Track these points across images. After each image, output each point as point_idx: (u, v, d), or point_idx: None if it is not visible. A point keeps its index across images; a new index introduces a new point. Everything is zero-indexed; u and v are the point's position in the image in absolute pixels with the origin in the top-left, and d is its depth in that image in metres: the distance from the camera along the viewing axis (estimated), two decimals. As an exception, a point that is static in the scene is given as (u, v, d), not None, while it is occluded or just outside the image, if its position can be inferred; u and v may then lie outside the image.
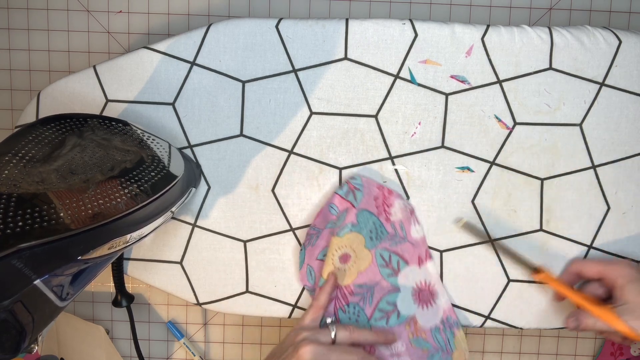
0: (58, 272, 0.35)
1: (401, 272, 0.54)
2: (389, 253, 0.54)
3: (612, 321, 0.47)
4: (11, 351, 0.35)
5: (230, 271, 0.56)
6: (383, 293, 0.54)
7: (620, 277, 0.49)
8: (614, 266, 0.50)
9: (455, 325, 0.55)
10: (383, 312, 0.54)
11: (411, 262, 0.54)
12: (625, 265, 0.50)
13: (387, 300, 0.54)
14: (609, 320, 0.47)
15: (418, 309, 0.54)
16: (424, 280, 0.54)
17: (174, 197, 0.47)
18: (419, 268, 0.54)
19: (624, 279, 0.49)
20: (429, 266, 0.55)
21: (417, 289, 0.54)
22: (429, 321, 0.54)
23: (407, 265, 0.54)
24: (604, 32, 0.54)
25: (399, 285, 0.54)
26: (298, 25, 0.54)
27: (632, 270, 0.49)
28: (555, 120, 0.55)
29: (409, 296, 0.54)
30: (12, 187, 0.36)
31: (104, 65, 0.54)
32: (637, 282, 0.48)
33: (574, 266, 0.54)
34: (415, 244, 0.54)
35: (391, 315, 0.54)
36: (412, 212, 0.54)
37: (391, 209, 0.54)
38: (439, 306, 0.55)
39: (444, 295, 0.55)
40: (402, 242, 0.54)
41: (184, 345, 0.69)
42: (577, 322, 0.50)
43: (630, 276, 0.49)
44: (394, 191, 0.54)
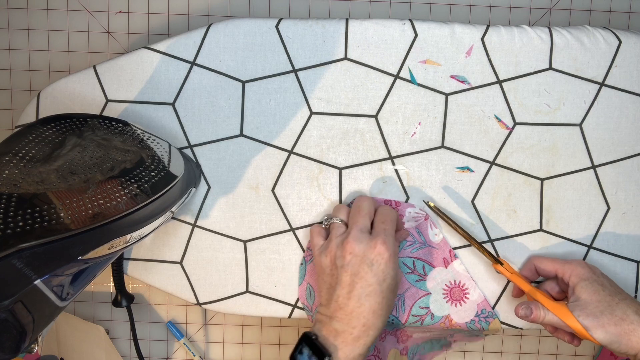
0: (58, 272, 0.35)
1: (429, 276, 0.54)
2: (412, 260, 0.54)
3: (564, 316, 0.47)
4: (11, 351, 0.35)
5: (230, 271, 0.56)
6: (414, 299, 0.54)
7: (574, 276, 0.49)
8: (568, 265, 0.51)
9: (490, 316, 0.55)
10: (417, 317, 0.55)
11: (437, 264, 0.55)
12: (579, 265, 0.50)
13: (420, 305, 0.55)
14: (561, 315, 0.47)
15: (451, 308, 0.55)
16: (453, 280, 0.55)
17: (174, 197, 0.47)
18: (446, 269, 0.55)
19: (577, 277, 0.49)
20: (456, 265, 0.55)
21: (447, 289, 0.55)
22: (463, 317, 0.55)
23: (433, 268, 0.54)
24: (604, 32, 0.54)
25: (429, 289, 0.55)
26: (298, 25, 0.54)
27: (586, 269, 0.50)
28: (555, 120, 0.55)
29: (440, 297, 0.55)
30: (12, 187, 0.36)
31: (104, 65, 0.54)
32: (589, 281, 0.48)
33: (531, 262, 0.54)
34: (437, 246, 0.55)
35: (425, 318, 0.55)
36: (426, 217, 0.54)
37: (403, 218, 0.54)
38: (472, 301, 0.55)
39: (475, 291, 0.55)
40: (422, 247, 0.54)
41: (184, 345, 0.69)
42: (529, 311, 0.49)
43: (583, 275, 0.49)
44: (402, 202, 0.54)
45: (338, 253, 0.48)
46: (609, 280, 0.50)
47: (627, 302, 0.47)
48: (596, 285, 0.48)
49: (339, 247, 0.48)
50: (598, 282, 0.48)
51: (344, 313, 0.46)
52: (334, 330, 0.46)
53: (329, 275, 0.49)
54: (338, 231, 0.49)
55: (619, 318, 0.45)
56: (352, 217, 0.50)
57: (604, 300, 0.47)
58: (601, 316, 0.46)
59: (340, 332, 0.46)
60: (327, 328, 0.46)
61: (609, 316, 0.46)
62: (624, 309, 0.46)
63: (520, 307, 0.50)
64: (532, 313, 0.49)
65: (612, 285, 0.49)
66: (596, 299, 0.47)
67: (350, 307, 0.46)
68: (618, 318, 0.45)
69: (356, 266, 0.46)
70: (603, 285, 0.48)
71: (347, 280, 0.47)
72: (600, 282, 0.49)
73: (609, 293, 0.47)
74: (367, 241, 0.47)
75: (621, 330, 0.45)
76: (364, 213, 0.50)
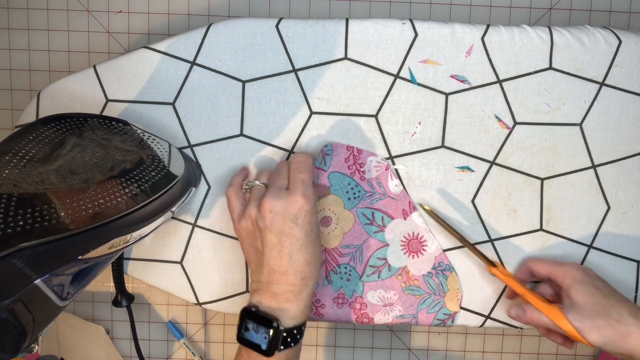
0: (58, 271, 0.35)
1: (387, 227, 0.55)
2: (372, 210, 0.55)
3: (557, 318, 0.47)
4: (11, 351, 0.35)
5: (230, 271, 0.56)
6: (372, 250, 0.55)
7: (568, 278, 0.49)
8: (562, 267, 0.51)
9: (447, 269, 0.55)
10: (374, 268, 0.55)
11: (396, 216, 0.55)
12: (573, 267, 0.50)
13: (377, 256, 0.55)
14: (554, 318, 0.47)
15: (409, 259, 0.55)
16: (411, 232, 0.55)
17: (174, 196, 0.47)
18: (405, 221, 0.55)
19: (571, 279, 0.49)
20: (415, 217, 0.55)
21: (405, 241, 0.55)
22: (420, 269, 0.55)
23: (392, 219, 0.55)
24: (604, 32, 0.54)
25: (387, 240, 0.55)
26: (298, 25, 0.54)
27: (580, 272, 0.50)
28: (555, 120, 0.55)
29: (398, 249, 0.55)
30: (12, 187, 0.36)
31: (104, 65, 0.54)
32: (584, 284, 0.48)
33: (526, 265, 0.54)
34: (397, 198, 0.55)
35: (382, 269, 0.55)
36: (387, 167, 0.54)
37: (364, 167, 0.54)
38: (430, 254, 0.55)
39: (433, 243, 0.55)
40: (382, 199, 0.54)
41: (184, 345, 0.69)
42: (521, 312, 0.49)
43: (577, 277, 0.49)
44: (364, 150, 0.54)
45: (258, 214, 0.46)
46: (603, 282, 0.49)
47: (622, 304, 0.47)
48: (591, 287, 0.48)
49: (257, 208, 0.46)
50: (592, 284, 0.48)
51: (279, 274, 0.45)
52: (274, 294, 0.45)
53: (253, 239, 0.47)
54: (257, 193, 0.48)
55: (614, 320, 0.45)
56: (271, 178, 0.49)
57: (598, 302, 0.47)
58: (596, 318, 0.46)
59: (281, 293, 0.45)
60: (266, 294, 0.45)
61: (604, 318, 0.45)
62: (619, 311, 0.46)
63: (512, 309, 0.50)
64: (525, 314, 0.49)
65: (607, 287, 0.49)
66: (591, 301, 0.47)
67: (284, 266, 0.45)
68: (613, 320, 0.45)
69: (280, 224, 0.45)
70: (597, 287, 0.48)
71: (273, 241, 0.45)
72: (594, 284, 0.48)
73: (604, 295, 0.47)
74: (286, 196, 0.46)
75: (616, 332, 0.45)
76: (284, 174, 0.49)
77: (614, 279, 0.55)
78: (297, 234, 0.45)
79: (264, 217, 0.45)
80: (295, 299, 0.45)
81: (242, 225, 0.48)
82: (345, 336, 0.70)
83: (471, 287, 0.56)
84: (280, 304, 0.45)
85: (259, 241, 0.47)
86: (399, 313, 0.55)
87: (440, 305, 0.55)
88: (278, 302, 0.45)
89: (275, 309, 0.45)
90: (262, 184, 0.49)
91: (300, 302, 0.46)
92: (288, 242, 0.45)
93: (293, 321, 0.45)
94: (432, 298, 0.55)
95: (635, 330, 0.44)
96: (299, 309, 0.45)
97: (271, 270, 0.45)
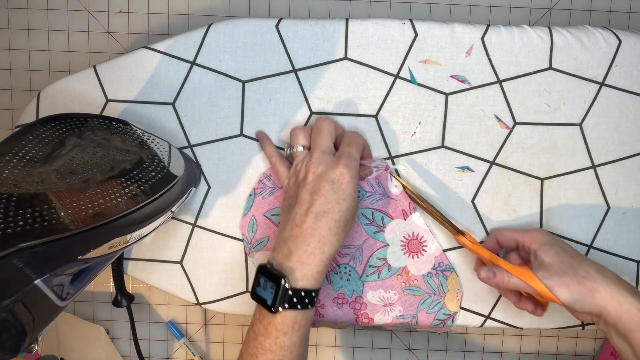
0: (58, 271, 0.35)
1: (387, 227, 0.55)
2: (372, 211, 0.55)
3: (527, 278, 0.47)
4: (11, 351, 0.35)
5: (230, 271, 0.56)
6: (372, 250, 0.55)
7: (535, 242, 0.49)
8: (528, 232, 0.51)
9: (447, 269, 0.55)
10: (374, 268, 0.55)
11: (395, 216, 0.55)
12: (538, 232, 0.51)
13: (377, 256, 0.55)
14: (524, 277, 0.47)
15: (408, 260, 0.55)
16: (411, 232, 0.55)
17: (174, 196, 0.47)
18: (405, 221, 0.55)
19: (538, 242, 0.49)
20: (415, 218, 0.55)
21: (405, 241, 0.55)
22: (420, 269, 0.55)
23: (391, 220, 0.55)
24: (604, 32, 0.54)
25: (387, 240, 0.55)
26: (298, 25, 0.54)
27: (546, 235, 0.50)
28: (555, 120, 0.55)
29: (398, 249, 0.55)
30: (12, 187, 0.36)
31: (104, 65, 0.54)
32: (550, 245, 0.48)
33: (492, 235, 0.54)
34: (397, 198, 0.55)
35: (382, 269, 0.55)
36: (386, 168, 0.54)
37: None
38: (429, 254, 0.55)
39: (434, 243, 0.55)
40: (382, 199, 0.55)
41: (184, 345, 0.69)
42: (491, 274, 0.49)
43: (544, 240, 0.49)
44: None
45: (301, 175, 0.48)
46: (568, 245, 0.50)
47: (588, 262, 0.47)
48: (557, 248, 0.48)
49: (302, 169, 0.48)
50: (559, 245, 0.49)
51: (299, 230, 0.46)
52: (288, 251, 0.45)
53: (291, 197, 0.49)
54: (300, 157, 0.50)
55: (582, 277, 0.45)
56: (314, 140, 0.49)
57: (565, 261, 0.47)
58: (564, 276, 0.46)
59: (294, 250, 0.45)
60: (282, 251, 0.46)
61: (572, 275, 0.45)
62: (585, 269, 0.46)
63: (482, 270, 0.49)
64: (495, 276, 0.48)
65: (572, 249, 0.49)
66: (558, 260, 0.47)
67: (307, 224, 0.45)
68: (581, 277, 0.45)
69: (317, 184, 0.46)
70: (563, 248, 0.48)
71: (306, 198, 0.46)
72: (560, 245, 0.49)
73: (570, 255, 0.48)
74: (329, 161, 0.47)
75: (584, 288, 0.45)
76: (325, 134, 0.49)
77: (614, 279, 0.55)
78: (329, 197, 0.46)
79: (304, 178, 0.47)
80: (307, 261, 0.45)
81: (289, 184, 0.50)
82: (345, 336, 0.70)
83: (471, 287, 0.56)
84: (292, 262, 0.45)
85: (294, 198, 0.48)
86: (398, 313, 0.55)
87: (440, 306, 0.55)
88: (290, 260, 0.45)
89: (286, 266, 0.45)
90: (302, 147, 0.50)
91: (312, 266, 0.45)
92: (318, 201, 0.46)
93: (301, 282, 0.45)
94: (432, 298, 0.55)
95: (602, 287, 0.44)
96: (310, 271, 0.45)
97: (294, 225, 0.46)
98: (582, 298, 0.45)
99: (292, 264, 0.45)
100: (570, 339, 0.69)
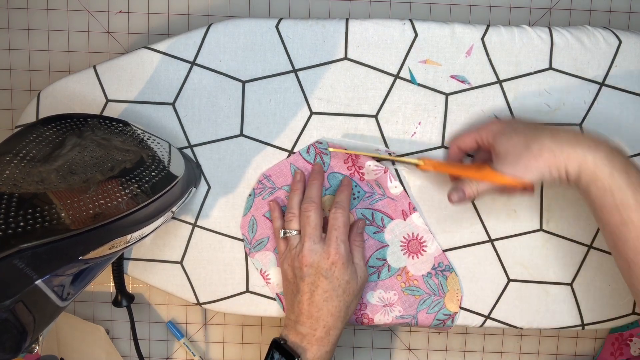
0: (59, 272, 0.35)
1: (387, 227, 0.55)
2: (371, 211, 0.55)
3: (490, 177, 0.47)
4: (12, 351, 0.35)
5: (230, 271, 0.56)
6: (372, 250, 0.55)
7: (489, 136, 0.49)
8: (483, 127, 0.50)
9: (447, 270, 0.55)
10: (374, 268, 0.55)
11: (395, 216, 0.55)
12: (492, 124, 0.50)
13: (377, 257, 0.55)
14: (487, 177, 0.47)
15: (408, 260, 0.55)
16: (411, 232, 0.55)
17: (174, 197, 0.47)
18: (404, 221, 0.55)
19: (492, 135, 0.49)
20: (414, 218, 0.55)
21: (405, 242, 0.55)
22: (420, 270, 0.55)
23: (391, 220, 0.55)
24: (604, 32, 0.54)
25: (386, 240, 0.55)
26: (298, 25, 0.54)
27: (498, 124, 0.49)
28: (555, 120, 0.55)
29: (398, 249, 0.55)
30: (13, 187, 0.36)
31: (104, 65, 0.54)
32: (502, 133, 0.48)
33: (453, 145, 0.53)
34: (396, 198, 0.55)
35: (382, 269, 0.55)
36: (385, 170, 0.54)
37: (363, 169, 0.54)
38: (429, 254, 0.55)
39: (433, 244, 0.55)
40: (382, 199, 0.55)
41: (184, 345, 0.69)
42: (460, 193, 0.48)
43: (497, 130, 0.49)
44: (361, 155, 0.54)
45: (296, 264, 0.51)
46: (524, 123, 0.49)
47: (540, 132, 0.46)
48: (509, 133, 0.47)
49: (296, 258, 0.51)
50: (511, 129, 0.48)
51: (306, 317, 0.50)
52: (300, 334, 0.49)
53: (292, 283, 0.52)
54: (294, 242, 0.52)
55: (538, 151, 0.44)
56: (303, 229, 0.51)
57: (518, 143, 0.46)
58: (520, 159, 0.45)
59: (305, 334, 0.49)
60: (293, 332, 0.50)
61: (527, 155, 0.45)
62: (539, 141, 0.45)
63: (451, 194, 0.49)
64: (465, 192, 0.48)
65: (524, 125, 0.48)
66: (511, 145, 0.46)
67: (311, 312, 0.49)
68: (536, 151, 0.44)
69: (313, 277, 0.50)
70: (515, 129, 0.47)
71: (305, 289, 0.50)
72: (513, 128, 0.48)
73: (523, 133, 0.46)
74: (320, 252, 0.50)
75: (544, 160, 0.44)
76: (313, 224, 0.51)
77: (614, 279, 0.55)
78: (326, 287, 0.49)
79: (300, 268, 0.50)
80: (317, 344, 0.49)
81: (285, 268, 0.52)
82: (345, 336, 0.70)
83: (471, 287, 0.56)
84: (304, 343, 0.49)
85: (295, 286, 0.51)
86: (398, 313, 0.55)
87: (440, 306, 0.55)
88: (302, 341, 0.49)
89: (298, 346, 0.49)
90: (296, 232, 0.52)
91: (322, 348, 0.49)
92: (317, 292, 0.49)
93: None
94: (431, 298, 0.55)
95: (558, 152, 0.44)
96: (320, 352, 0.49)
97: (300, 312, 0.50)
98: (548, 170, 0.44)
99: (304, 345, 0.49)
100: (570, 339, 0.69)
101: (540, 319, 0.56)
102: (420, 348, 0.70)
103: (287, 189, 0.54)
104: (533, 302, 0.56)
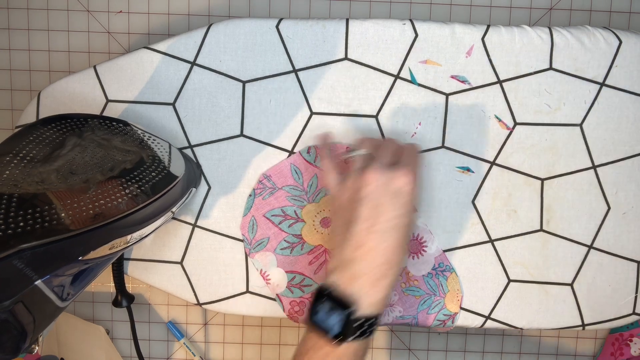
0: (59, 272, 0.35)
1: None
2: None
3: None
4: (12, 351, 0.35)
5: (231, 271, 0.56)
6: None
7: None
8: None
9: (447, 270, 0.55)
10: None
11: None
12: None
13: None
14: None
15: (409, 261, 0.55)
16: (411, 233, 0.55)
17: (174, 197, 0.47)
18: None
19: None
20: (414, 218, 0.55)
21: None
22: (420, 270, 0.55)
23: None
24: (604, 32, 0.54)
25: None
26: (298, 25, 0.54)
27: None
28: (555, 120, 0.55)
29: None
30: (12, 188, 0.36)
31: (104, 65, 0.54)
32: None
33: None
34: None
35: None
36: None
37: None
38: (429, 255, 0.55)
39: (433, 244, 0.55)
40: None
41: (184, 345, 0.69)
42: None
43: None
44: None
45: (357, 185, 0.43)
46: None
47: None
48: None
49: (358, 179, 0.43)
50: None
51: (363, 252, 0.41)
52: (353, 275, 0.41)
53: (346, 210, 0.43)
54: (359, 163, 0.44)
55: None
56: (377, 151, 0.45)
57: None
58: None
59: (359, 275, 0.41)
60: (345, 275, 0.41)
61: None
62: None
63: None
64: None
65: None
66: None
67: (372, 243, 0.41)
68: None
69: (378, 197, 0.41)
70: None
71: (366, 215, 0.41)
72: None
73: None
74: (390, 171, 0.42)
75: None
76: (392, 149, 0.45)
77: (614, 279, 0.55)
78: (393, 213, 0.41)
79: (365, 186, 0.42)
80: (374, 286, 0.41)
81: (341, 196, 0.45)
82: (345, 336, 0.70)
83: (471, 287, 0.56)
84: (358, 287, 0.41)
85: (351, 213, 0.43)
86: (399, 314, 0.55)
87: (440, 306, 0.55)
88: (355, 285, 0.41)
89: (352, 292, 0.41)
90: (365, 152, 0.45)
91: (379, 292, 0.41)
92: (383, 218, 0.41)
93: (369, 310, 0.41)
94: (432, 299, 0.55)
95: None
96: (377, 298, 0.41)
97: (357, 245, 0.41)
98: None
99: (358, 290, 0.41)
100: (570, 339, 0.69)
101: (541, 319, 0.56)
102: (420, 348, 0.70)
103: (287, 189, 0.54)
104: (533, 302, 0.56)
